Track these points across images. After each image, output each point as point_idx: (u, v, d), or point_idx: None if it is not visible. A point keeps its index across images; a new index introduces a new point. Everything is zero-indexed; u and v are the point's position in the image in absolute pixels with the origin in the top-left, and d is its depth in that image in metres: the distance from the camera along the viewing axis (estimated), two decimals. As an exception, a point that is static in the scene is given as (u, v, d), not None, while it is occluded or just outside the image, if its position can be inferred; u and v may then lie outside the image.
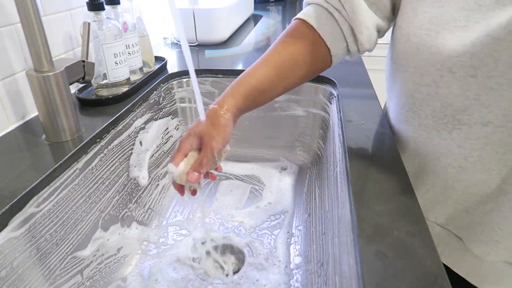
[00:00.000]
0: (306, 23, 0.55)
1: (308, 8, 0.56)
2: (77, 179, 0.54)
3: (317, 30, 0.54)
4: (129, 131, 0.68)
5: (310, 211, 0.72)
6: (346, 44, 0.55)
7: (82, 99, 0.68)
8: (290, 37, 0.56)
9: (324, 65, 0.57)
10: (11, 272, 0.43)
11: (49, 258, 0.49)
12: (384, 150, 0.54)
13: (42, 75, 0.52)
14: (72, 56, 0.73)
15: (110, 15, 0.69)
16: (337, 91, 0.75)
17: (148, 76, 0.79)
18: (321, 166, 0.78)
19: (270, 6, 1.76)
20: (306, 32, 0.55)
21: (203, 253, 0.65)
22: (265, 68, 0.55)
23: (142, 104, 0.73)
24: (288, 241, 0.67)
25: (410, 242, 0.37)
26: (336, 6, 0.53)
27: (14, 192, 0.45)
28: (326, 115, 0.80)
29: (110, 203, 0.62)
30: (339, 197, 0.53)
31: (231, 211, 0.74)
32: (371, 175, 0.48)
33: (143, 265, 0.62)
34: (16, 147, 0.55)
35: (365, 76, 0.81)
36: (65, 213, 0.52)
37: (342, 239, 0.46)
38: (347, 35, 0.54)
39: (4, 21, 0.57)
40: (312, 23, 0.54)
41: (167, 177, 0.81)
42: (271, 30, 1.29)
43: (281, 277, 0.60)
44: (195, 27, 1.06)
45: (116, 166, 0.64)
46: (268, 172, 0.85)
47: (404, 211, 0.41)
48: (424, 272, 0.34)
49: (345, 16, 0.53)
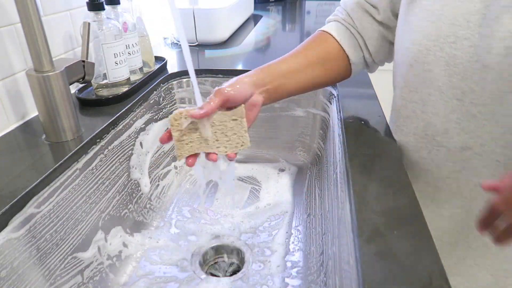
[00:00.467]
0: (327, 33, 0.60)
1: (329, 24, 0.61)
2: (77, 180, 0.54)
3: (337, 39, 0.58)
4: (129, 131, 0.68)
5: (310, 211, 0.72)
6: (363, 54, 0.59)
7: (82, 99, 0.68)
8: (313, 42, 0.60)
9: (344, 71, 0.60)
10: (11, 272, 0.43)
11: (49, 258, 0.49)
12: (384, 150, 0.54)
13: (42, 75, 0.52)
14: (72, 56, 0.73)
15: (110, 15, 0.69)
16: (337, 91, 0.75)
17: (148, 76, 0.79)
18: (321, 166, 0.78)
19: (270, 6, 1.76)
20: (328, 40, 0.59)
21: (203, 253, 0.65)
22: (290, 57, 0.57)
23: (142, 104, 0.73)
24: (287, 241, 0.67)
25: (410, 242, 0.37)
26: (349, 22, 0.59)
27: (14, 192, 0.45)
28: (326, 115, 0.80)
29: (110, 203, 0.62)
30: (339, 197, 0.53)
31: (231, 211, 0.74)
32: (371, 175, 0.48)
33: (144, 265, 0.62)
34: (16, 147, 0.55)
35: (365, 76, 0.81)
36: (65, 213, 0.52)
37: (342, 239, 0.46)
38: (362, 46, 0.59)
39: (4, 21, 0.57)
40: (332, 33, 0.59)
41: (168, 177, 0.81)
42: (271, 30, 1.29)
43: (281, 277, 0.60)
44: (195, 27, 1.06)
45: (116, 167, 0.64)
46: (268, 172, 0.85)
47: (404, 211, 0.41)
48: (424, 272, 0.34)
49: (359, 30, 0.58)
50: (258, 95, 0.51)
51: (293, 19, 1.54)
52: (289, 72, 0.55)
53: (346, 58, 0.59)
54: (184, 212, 0.74)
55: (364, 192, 0.44)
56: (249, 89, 0.49)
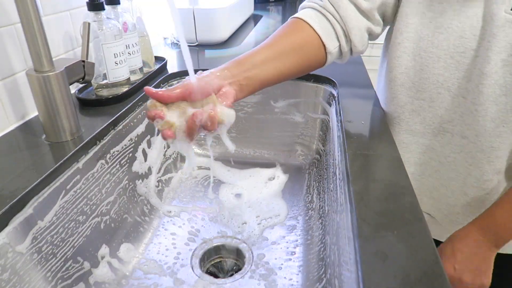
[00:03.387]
0: (302, 20, 0.57)
1: (303, 11, 0.59)
2: (80, 184, 0.54)
3: (313, 27, 0.56)
4: (130, 131, 0.68)
5: (310, 212, 0.72)
6: (339, 43, 0.58)
7: (82, 99, 0.68)
8: (288, 30, 0.58)
9: (319, 61, 0.59)
10: (12, 273, 0.43)
11: (50, 261, 0.49)
12: (384, 150, 0.54)
13: (42, 75, 0.52)
14: (72, 56, 0.73)
15: (110, 15, 0.69)
16: (337, 91, 0.75)
17: (148, 76, 0.79)
18: (321, 167, 0.78)
19: (270, 6, 1.76)
20: (303, 27, 0.57)
21: (203, 253, 0.65)
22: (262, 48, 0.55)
23: (142, 104, 0.73)
24: (287, 242, 0.67)
25: (410, 242, 0.37)
26: (329, 10, 0.57)
27: (14, 192, 0.45)
28: (326, 115, 0.80)
29: (110, 204, 0.62)
30: (339, 198, 0.53)
31: (231, 212, 0.74)
32: (371, 175, 0.48)
33: (144, 265, 0.62)
34: (16, 147, 0.55)
35: (365, 76, 0.81)
36: (66, 215, 0.52)
37: (342, 239, 0.46)
38: (340, 36, 0.57)
39: (4, 21, 0.57)
40: (308, 21, 0.57)
41: (168, 177, 0.81)
42: (271, 30, 1.29)
43: (281, 278, 0.60)
44: (195, 27, 1.06)
45: (117, 169, 0.64)
46: (268, 173, 0.85)
47: (404, 211, 0.41)
48: (424, 272, 0.34)
49: (338, 20, 0.57)
50: (228, 86, 0.49)
51: (293, 19, 1.54)
52: (261, 62, 0.53)
53: (322, 47, 0.57)
54: (184, 213, 0.74)
55: (364, 193, 0.44)
56: (216, 82, 0.48)
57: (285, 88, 0.84)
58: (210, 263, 0.65)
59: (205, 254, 0.65)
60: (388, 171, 0.49)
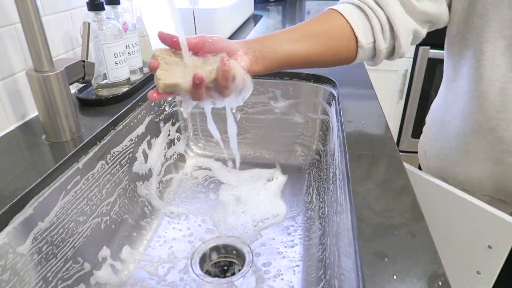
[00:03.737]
0: (336, 11, 0.55)
1: (341, 4, 0.56)
2: (80, 184, 0.54)
3: (347, 18, 0.53)
4: (130, 131, 0.68)
5: (310, 212, 0.72)
6: (374, 40, 0.54)
7: (82, 99, 0.68)
8: (318, 17, 0.55)
9: (348, 54, 0.55)
10: (12, 274, 0.43)
11: (50, 261, 0.49)
12: (384, 150, 0.54)
13: (42, 75, 0.52)
14: (72, 56, 0.73)
15: (110, 15, 0.69)
16: (337, 92, 0.75)
17: (148, 76, 0.79)
18: (321, 167, 0.78)
19: (270, 6, 1.76)
20: (336, 17, 0.54)
21: (203, 253, 0.65)
22: (288, 29, 0.53)
23: (142, 104, 0.73)
24: (287, 242, 0.67)
25: (410, 242, 0.37)
26: (370, 5, 0.53)
27: (14, 192, 0.45)
28: (326, 115, 0.80)
29: (110, 204, 0.62)
30: (338, 198, 0.53)
31: (231, 212, 0.74)
32: (371, 175, 0.48)
33: (144, 265, 0.62)
34: (16, 147, 0.55)
35: (365, 76, 0.81)
36: (66, 215, 0.52)
37: (342, 240, 0.46)
38: (376, 32, 0.53)
39: (4, 21, 0.57)
40: (342, 12, 0.54)
41: (168, 177, 0.81)
42: (271, 30, 1.29)
43: (281, 278, 0.60)
44: (195, 27, 1.06)
45: (117, 169, 0.64)
46: (268, 173, 0.85)
47: (404, 211, 0.41)
48: (424, 272, 0.34)
49: (380, 16, 0.53)
50: (243, 54, 0.48)
51: (293, 19, 1.54)
52: (282, 40, 0.51)
53: (354, 39, 0.53)
54: (184, 213, 0.74)
55: (364, 192, 0.44)
56: (233, 44, 0.47)
57: (285, 88, 0.84)
58: (210, 263, 0.65)
59: (205, 255, 0.65)
60: (388, 171, 0.49)
